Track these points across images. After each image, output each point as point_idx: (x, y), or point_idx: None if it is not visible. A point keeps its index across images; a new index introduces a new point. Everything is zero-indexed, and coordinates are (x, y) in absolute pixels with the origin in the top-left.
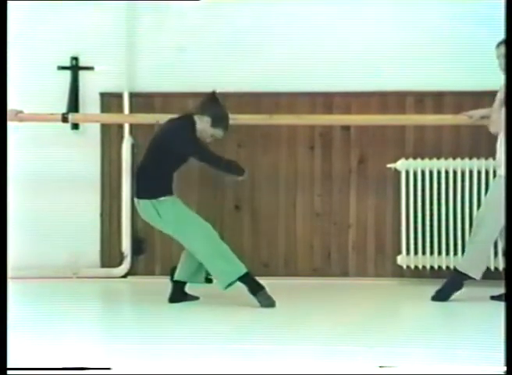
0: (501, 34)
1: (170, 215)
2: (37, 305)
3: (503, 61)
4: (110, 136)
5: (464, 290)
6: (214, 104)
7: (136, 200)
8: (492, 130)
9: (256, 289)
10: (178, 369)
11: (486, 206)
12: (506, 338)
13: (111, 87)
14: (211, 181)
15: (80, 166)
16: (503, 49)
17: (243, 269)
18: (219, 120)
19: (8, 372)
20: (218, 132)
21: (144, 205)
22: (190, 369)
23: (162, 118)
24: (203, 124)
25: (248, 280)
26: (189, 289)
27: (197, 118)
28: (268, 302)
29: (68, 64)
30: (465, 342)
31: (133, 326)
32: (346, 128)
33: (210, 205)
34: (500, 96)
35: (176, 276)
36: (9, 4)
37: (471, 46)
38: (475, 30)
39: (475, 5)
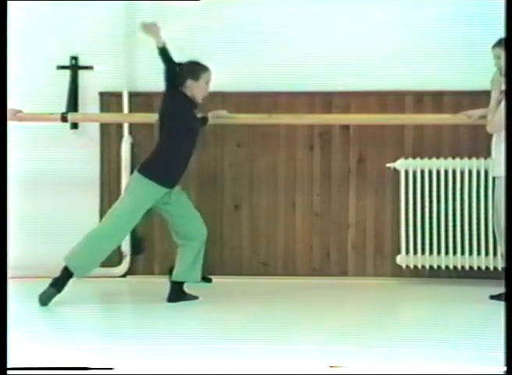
0: (499, 34)
1: (127, 188)
2: (36, 304)
3: (498, 62)
4: (109, 135)
5: (463, 290)
6: (175, 68)
7: None
8: (489, 129)
9: (57, 285)
10: (177, 369)
11: (501, 212)
12: (506, 338)
13: (110, 86)
14: (211, 181)
15: (80, 166)
16: (497, 51)
17: (82, 272)
18: (195, 71)
19: (8, 372)
20: (205, 77)
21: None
22: (189, 369)
23: None
24: (191, 88)
25: (67, 276)
26: (188, 288)
27: (184, 89)
28: (43, 298)
29: (67, 63)
30: (465, 342)
31: (132, 326)
32: (345, 127)
33: (209, 205)
34: (495, 96)
35: (173, 277)
36: (9, 4)
37: (469, 46)
38: (474, 30)
39: (474, 6)
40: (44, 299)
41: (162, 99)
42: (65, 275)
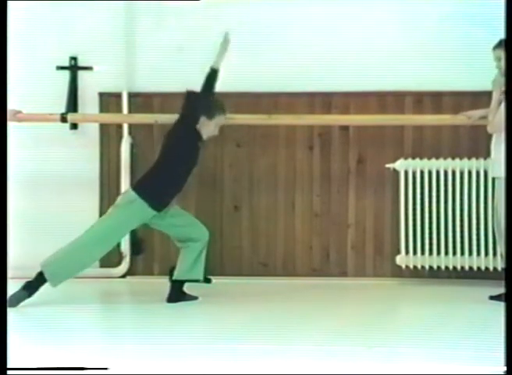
0: (499, 35)
1: (117, 203)
2: (36, 305)
3: (499, 63)
4: (109, 136)
5: (463, 290)
6: (208, 99)
7: None
8: (490, 130)
9: (29, 289)
10: (176, 369)
11: (501, 212)
12: (506, 338)
13: (110, 87)
14: (211, 181)
15: (79, 166)
16: (498, 52)
17: (56, 281)
18: (211, 111)
19: (8, 372)
20: (218, 119)
21: None
22: (189, 370)
23: (161, 118)
24: (201, 123)
25: (40, 281)
26: (187, 289)
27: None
28: (13, 301)
29: (67, 64)
30: (465, 342)
31: (131, 326)
32: (344, 128)
33: (209, 206)
34: (496, 96)
35: (175, 276)
36: (9, 4)
37: (469, 46)
38: (474, 31)
39: (474, 6)
40: (14, 301)
41: (176, 124)
42: (40, 280)
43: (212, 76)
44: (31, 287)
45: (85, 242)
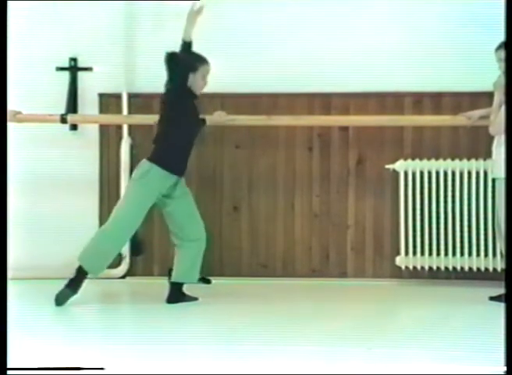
0: (499, 35)
1: (135, 177)
2: (36, 305)
3: (502, 65)
4: (108, 137)
5: (462, 291)
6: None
7: None
8: (491, 131)
9: (73, 286)
10: (176, 369)
11: (501, 213)
12: (506, 338)
13: (109, 87)
14: (210, 182)
15: (79, 167)
16: (500, 54)
17: (93, 271)
18: (194, 64)
19: (8, 372)
20: (203, 70)
21: None
22: (189, 370)
23: None
24: (189, 81)
25: (81, 278)
26: (187, 290)
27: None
28: (59, 299)
29: (66, 65)
30: (465, 342)
31: (131, 327)
32: (344, 129)
33: (208, 206)
34: (498, 97)
35: (172, 278)
36: (9, 4)
37: (468, 47)
38: (473, 31)
39: (473, 6)
40: (60, 300)
41: (167, 88)
42: (80, 275)
43: (185, 48)
44: (74, 283)
45: (114, 226)
